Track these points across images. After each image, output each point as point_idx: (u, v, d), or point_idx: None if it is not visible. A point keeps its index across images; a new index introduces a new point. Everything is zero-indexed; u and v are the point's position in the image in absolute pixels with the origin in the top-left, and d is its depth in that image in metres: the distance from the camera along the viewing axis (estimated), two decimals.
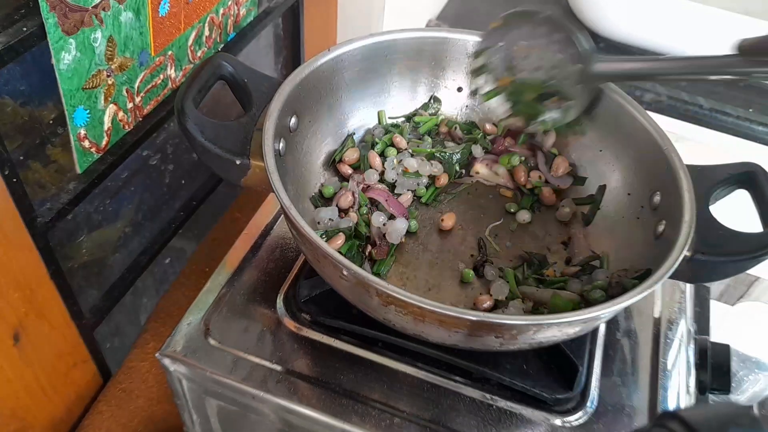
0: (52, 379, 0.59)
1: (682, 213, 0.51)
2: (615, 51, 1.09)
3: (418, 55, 0.66)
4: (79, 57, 0.47)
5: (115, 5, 0.49)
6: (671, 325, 0.61)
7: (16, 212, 0.48)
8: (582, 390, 0.54)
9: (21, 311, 0.52)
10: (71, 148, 0.51)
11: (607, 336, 0.59)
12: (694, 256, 0.50)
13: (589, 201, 0.62)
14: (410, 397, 0.52)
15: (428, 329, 0.47)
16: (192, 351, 0.54)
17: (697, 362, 0.60)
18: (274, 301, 0.58)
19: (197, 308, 0.57)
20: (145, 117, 0.59)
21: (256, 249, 0.63)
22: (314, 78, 0.59)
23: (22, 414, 0.57)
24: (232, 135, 0.53)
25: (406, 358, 0.55)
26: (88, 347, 0.62)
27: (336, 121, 0.64)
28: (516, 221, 0.62)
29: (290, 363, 0.54)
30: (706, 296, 0.69)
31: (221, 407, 0.57)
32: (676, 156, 0.55)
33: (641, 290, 0.46)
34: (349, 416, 0.51)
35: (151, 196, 0.69)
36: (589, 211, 0.62)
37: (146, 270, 0.69)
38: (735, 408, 0.34)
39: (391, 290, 0.44)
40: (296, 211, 0.48)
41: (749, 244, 0.51)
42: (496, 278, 0.57)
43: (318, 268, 0.52)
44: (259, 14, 0.73)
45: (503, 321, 0.46)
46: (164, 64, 0.58)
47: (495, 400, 0.53)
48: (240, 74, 0.56)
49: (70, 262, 0.59)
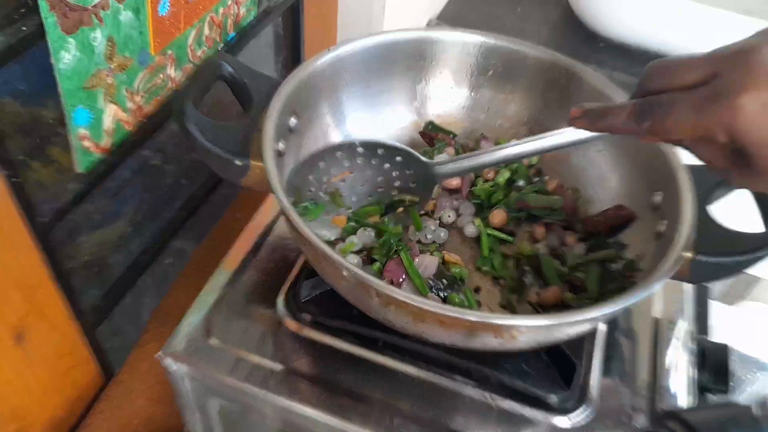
0: (52, 379, 0.59)
1: (682, 213, 0.51)
2: (615, 51, 1.09)
3: (418, 55, 0.66)
4: (79, 56, 0.47)
5: (114, 4, 0.48)
6: (671, 325, 0.61)
7: (16, 212, 0.48)
8: (582, 390, 0.54)
9: (21, 311, 0.52)
10: (71, 147, 0.51)
11: (607, 336, 0.59)
12: (694, 256, 0.50)
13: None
14: (410, 397, 0.52)
15: (428, 329, 0.47)
16: (193, 351, 0.54)
17: (696, 362, 0.60)
18: (275, 301, 0.58)
19: (198, 308, 0.57)
20: (145, 117, 0.59)
21: (257, 249, 0.63)
22: (314, 78, 0.59)
23: (22, 414, 0.57)
24: (232, 135, 0.53)
25: (406, 357, 0.55)
26: (89, 347, 0.62)
27: (336, 121, 0.64)
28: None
29: (291, 363, 0.54)
30: (706, 296, 0.69)
31: (222, 407, 0.57)
32: (676, 156, 0.55)
33: (642, 291, 0.46)
34: (350, 416, 0.51)
35: (151, 196, 0.69)
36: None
37: (147, 270, 0.69)
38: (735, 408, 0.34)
39: (391, 290, 0.44)
40: (296, 212, 0.48)
41: (749, 244, 0.51)
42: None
43: (318, 269, 0.52)
44: (259, 14, 0.73)
45: (503, 321, 0.46)
46: (164, 63, 0.58)
47: (495, 400, 0.53)
48: (240, 74, 0.56)
49: (70, 262, 0.59)
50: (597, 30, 1.10)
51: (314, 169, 0.57)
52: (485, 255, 0.59)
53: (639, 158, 0.59)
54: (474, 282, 0.58)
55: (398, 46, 0.64)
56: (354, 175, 0.58)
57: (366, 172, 0.58)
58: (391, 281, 0.54)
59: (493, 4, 1.21)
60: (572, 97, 0.63)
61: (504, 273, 0.58)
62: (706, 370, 0.60)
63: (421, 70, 0.67)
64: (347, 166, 0.58)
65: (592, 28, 1.11)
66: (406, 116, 0.68)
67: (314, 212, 0.57)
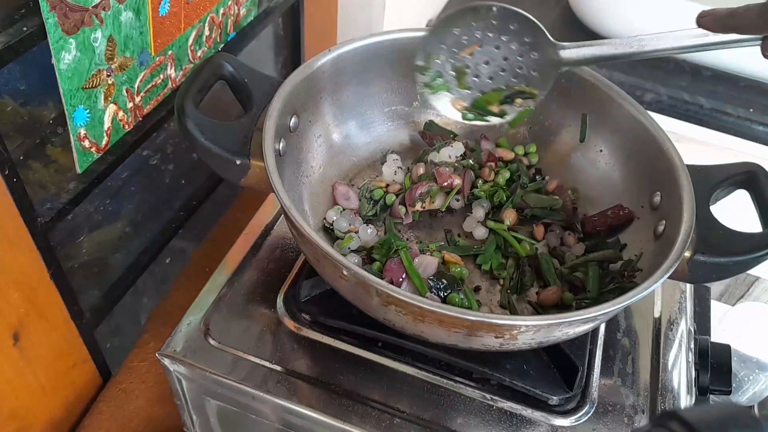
0: (52, 379, 0.59)
1: (682, 213, 0.51)
2: None
3: None
4: (79, 57, 0.47)
5: (115, 5, 0.48)
6: (671, 325, 0.61)
7: (16, 212, 0.48)
8: (582, 390, 0.54)
9: (21, 311, 0.52)
10: (71, 147, 0.51)
11: (607, 336, 0.59)
12: (694, 256, 0.50)
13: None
14: (410, 397, 0.52)
15: (428, 329, 0.47)
16: (192, 351, 0.54)
17: (697, 362, 0.60)
18: (274, 301, 0.58)
19: (197, 308, 0.57)
20: (145, 117, 0.59)
21: (257, 249, 0.63)
22: (314, 78, 0.59)
23: (22, 414, 0.57)
24: (232, 135, 0.53)
25: (406, 358, 0.54)
26: (88, 347, 0.62)
27: (336, 121, 0.64)
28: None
29: (290, 363, 0.54)
30: (706, 296, 0.69)
31: (221, 407, 0.57)
32: (676, 156, 0.55)
33: (641, 290, 0.46)
34: (349, 416, 0.51)
35: (151, 196, 0.69)
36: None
37: (146, 270, 0.69)
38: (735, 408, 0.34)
39: (391, 290, 0.44)
40: (296, 211, 0.48)
41: (749, 244, 0.51)
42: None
43: (318, 268, 0.52)
44: (259, 14, 0.73)
45: (503, 321, 0.46)
46: (164, 63, 0.58)
47: (495, 401, 0.53)
48: (240, 74, 0.56)
49: (70, 262, 0.59)
50: (597, 30, 1.10)
51: (447, 36, 0.57)
52: (520, 251, 0.59)
53: (639, 158, 0.59)
54: (474, 282, 0.58)
55: (398, 46, 0.64)
56: (481, 50, 0.57)
57: (493, 49, 0.57)
58: (390, 281, 0.53)
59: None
60: (572, 97, 0.63)
61: (504, 273, 0.58)
62: (709, 371, 0.60)
63: None
64: (478, 38, 0.57)
65: (592, 28, 1.11)
66: (407, 116, 0.68)
67: (437, 89, 0.59)
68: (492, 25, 0.56)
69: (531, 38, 0.56)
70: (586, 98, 0.63)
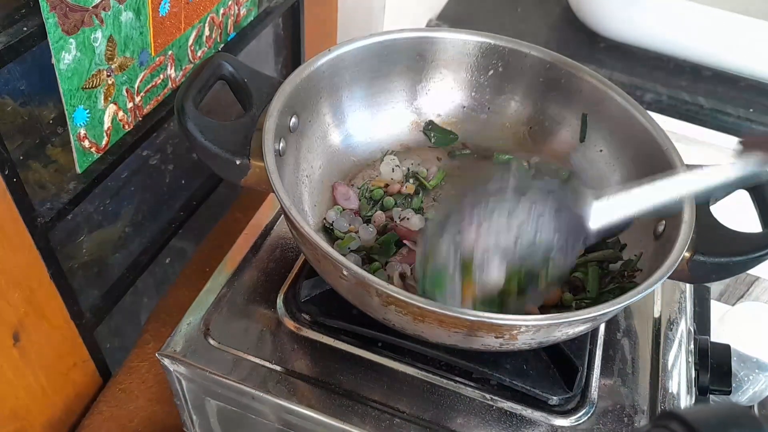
0: (52, 379, 0.59)
1: (682, 213, 0.51)
2: (615, 51, 1.09)
3: (418, 55, 0.66)
4: (80, 57, 0.47)
5: (115, 5, 0.49)
6: (671, 325, 0.61)
7: (16, 212, 0.48)
8: (582, 390, 0.54)
9: (21, 311, 0.52)
10: (71, 148, 0.51)
11: (607, 336, 0.59)
12: (694, 256, 0.50)
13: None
14: (410, 398, 0.52)
15: (428, 329, 0.47)
16: (192, 351, 0.54)
17: (697, 362, 0.60)
18: (274, 301, 0.58)
19: (197, 308, 0.57)
20: (145, 117, 0.59)
21: (257, 249, 0.63)
22: (314, 78, 0.59)
23: (22, 414, 0.57)
24: (232, 135, 0.53)
25: (406, 358, 0.54)
26: (88, 347, 0.62)
27: (336, 121, 0.64)
28: None
29: (290, 363, 0.54)
30: (706, 296, 0.69)
31: (221, 407, 0.57)
32: (677, 156, 0.55)
33: (641, 290, 0.46)
34: (349, 417, 0.51)
35: (151, 196, 0.69)
36: None
37: (146, 270, 0.69)
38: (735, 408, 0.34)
39: (391, 290, 0.44)
40: (296, 211, 0.48)
41: (749, 244, 0.51)
42: None
43: (318, 268, 0.52)
44: (259, 14, 0.73)
45: (503, 321, 0.46)
46: (164, 64, 0.58)
47: (495, 401, 0.53)
48: (240, 74, 0.56)
49: (70, 262, 0.59)
50: (597, 30, 1.10)
51: (447, 229, 0.47)
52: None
53: (639, 158, 0.59)
54: None
55: (398, 46, 0.64)
56: (485, 227, 0.47)
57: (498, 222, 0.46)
58: (402, 274, 0.53)
59: (493, 4, 1.21)
60: (572, 97, 0.63)
61: None
62: (709, 371, 0.60)
63: (421, 70, 0.67)
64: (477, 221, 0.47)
65: (592, 28, 1.11)
66: (406, 116, 0.68)
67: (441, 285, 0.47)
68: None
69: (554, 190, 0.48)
70: (586, 98, 0.63)
